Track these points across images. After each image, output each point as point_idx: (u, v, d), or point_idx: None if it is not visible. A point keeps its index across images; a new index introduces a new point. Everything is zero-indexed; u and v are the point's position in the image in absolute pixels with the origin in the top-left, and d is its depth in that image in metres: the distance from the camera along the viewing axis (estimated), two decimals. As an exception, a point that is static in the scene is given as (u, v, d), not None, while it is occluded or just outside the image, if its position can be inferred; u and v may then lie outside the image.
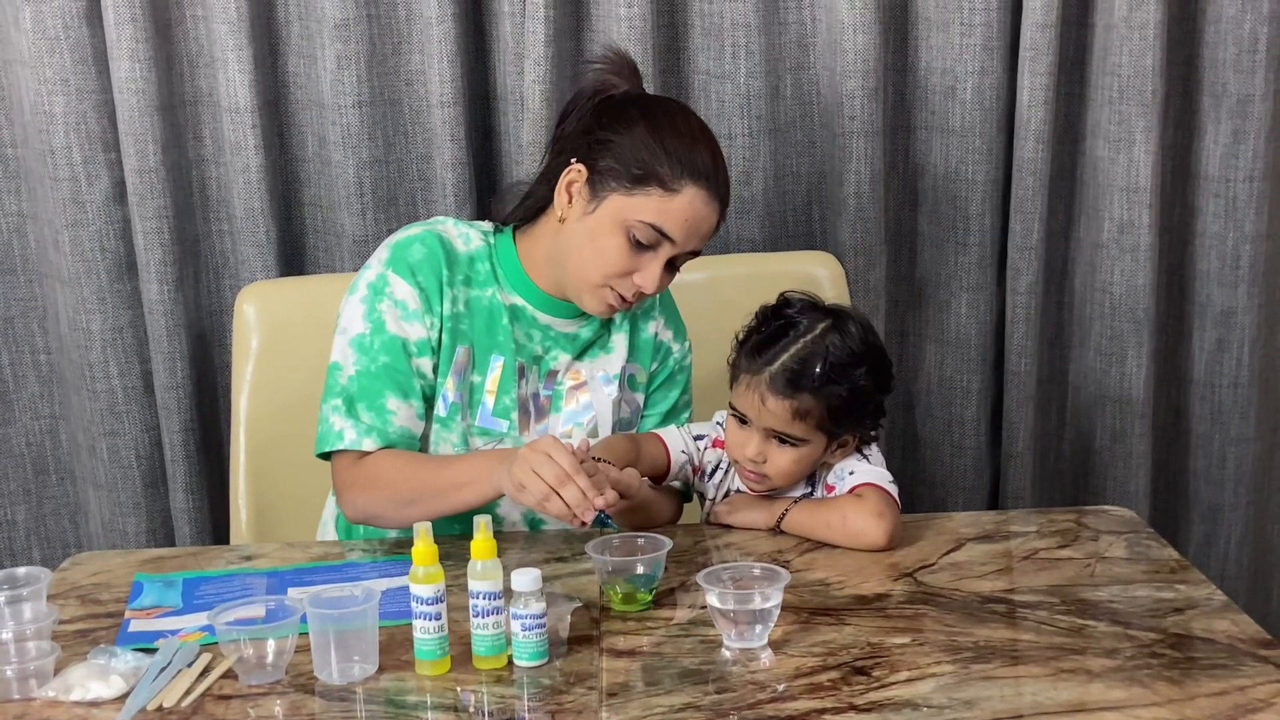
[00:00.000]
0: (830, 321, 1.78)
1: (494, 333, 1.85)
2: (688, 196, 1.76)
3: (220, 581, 1.73)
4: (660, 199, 1.75)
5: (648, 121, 1.79)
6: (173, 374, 2.34)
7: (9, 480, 2.46)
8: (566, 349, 1.89)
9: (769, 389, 1.74)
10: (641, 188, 1.75)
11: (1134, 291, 2.41)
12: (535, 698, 1.43)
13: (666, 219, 1.75)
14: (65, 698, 1.44)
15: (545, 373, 1.89)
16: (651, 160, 1.75)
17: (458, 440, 1.84)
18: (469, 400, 1.85)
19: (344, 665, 1.47)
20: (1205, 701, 1.37)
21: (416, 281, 1.82)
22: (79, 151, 2.29)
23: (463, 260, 1.86)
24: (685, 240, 1.78)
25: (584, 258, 1.79)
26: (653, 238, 1.76)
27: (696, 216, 1.77)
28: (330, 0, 2.26)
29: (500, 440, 1.85)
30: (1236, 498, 2.53)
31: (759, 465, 1.78)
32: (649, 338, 1.95)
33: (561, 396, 1.89)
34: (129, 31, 2.22)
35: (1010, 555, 1.76)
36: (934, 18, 2.37)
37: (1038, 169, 2.35)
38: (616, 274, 1.78)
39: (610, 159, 1.77)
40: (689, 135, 1.80)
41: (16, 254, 2.41)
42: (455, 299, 1.84)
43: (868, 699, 1.39)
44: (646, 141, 1.77)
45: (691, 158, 1.77)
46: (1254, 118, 2.36)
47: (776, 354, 1.75)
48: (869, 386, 1.77)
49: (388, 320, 1.81)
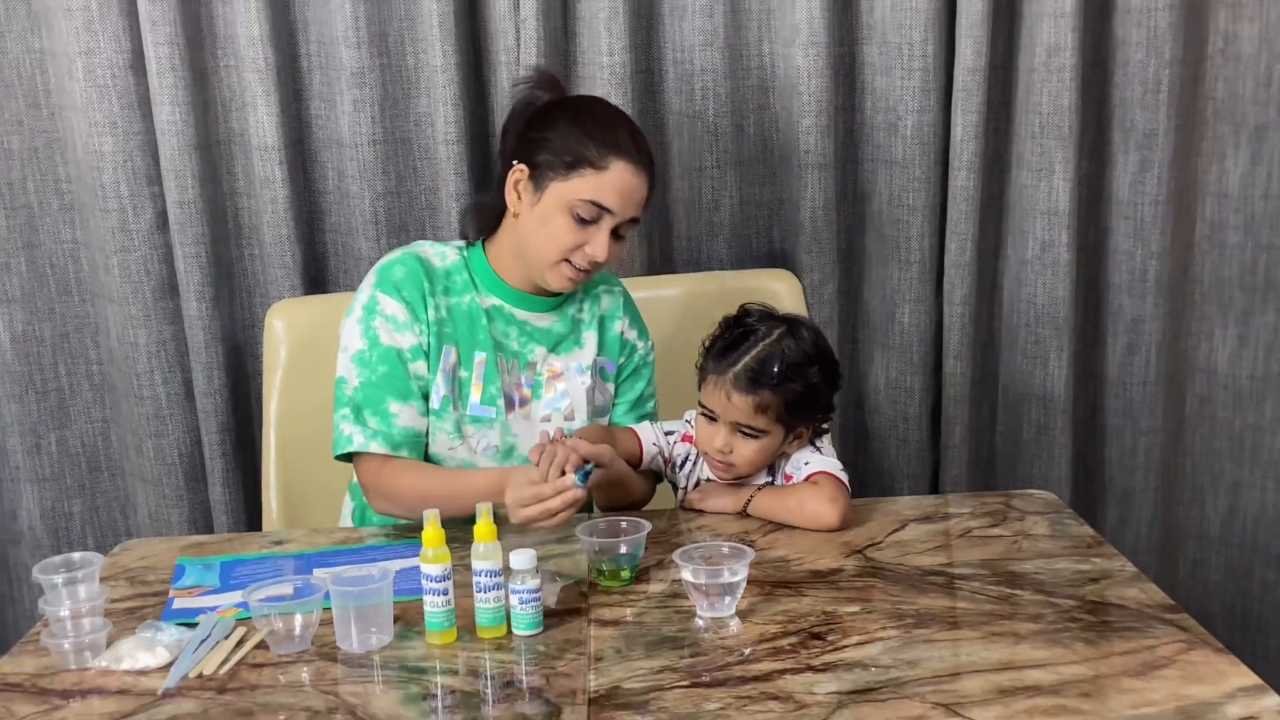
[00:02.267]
0: (785, 328, 1.80)
1: (475, 332, 1.87)
2: (616, 170, 1.78)
3: (253, 564, 1.73)
4: (593, 177, 1.78)
5: (570, 117, 1.82)
6: (210, 382, 2.34)
7: (66, 477, 2.45)
8: (542, 342, 1.91)
9: (733, 386, 1.75)
10: (576, 171, 1.78)
11: (1055, 302, 2.41)
12: (531, 663, 1.43)
13: (602, 193, 1.78)
14: (116, 667, 1.44)
15: (525, 365, 1.90)
16: (579, 147, 1.79)
17: (451, 429, 1.85)
18: (459, 393, 1.86)
19: (363, 636, 1.47)
20: (1118, 659, 1.37)
21: (402, 297, 1.84)
22: (126, 186, 2.28)
23: (440, 274, 1.88)
24: (622, 209, 1.80)
25: (539, 241, 1.82)
26: (593, 212, 1.79)
27: (627, 186, 1.80)
28: (347, 51, 2.26)
29: (490, 425, 1.86)
30: (1146, 483, 2.53)
31: (726, 456, 1.79)
32: (616, 335, 1.97)
33: (541, 385, 1.90)
34: (170, 80, 2.22)
35: (948, 534, 1.77)
36: (878, 64, 2.37)
37: (970, 195, 2.35)
38: (569, 248, 1.80)
39: (545, 154, 1.80)
40: (607, 120, 1.84)
41: (71, 277, 2.40)
42: (438, 307, 1.85)
43: (823, 660, 1.39)
44: (572, 132, 1.80)
45: (612, 138, 1.80)
46: (1158, 149, 2.36)
47: (739, 356, 1.77)
48: (820, 383, 1.79)
49: (381, 335, 1.83)
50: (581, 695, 1.34)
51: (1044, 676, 1.34)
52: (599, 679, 1.38)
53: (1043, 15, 2.29)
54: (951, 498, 2.04)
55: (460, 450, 1.85)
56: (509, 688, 1.39)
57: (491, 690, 1.39)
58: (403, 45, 2.30)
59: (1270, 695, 1.29)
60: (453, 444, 1.85)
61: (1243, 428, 2.53)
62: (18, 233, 2.35)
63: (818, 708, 1.29)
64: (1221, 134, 2.42)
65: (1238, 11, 2.35)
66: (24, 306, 2.37)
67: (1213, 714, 1.26)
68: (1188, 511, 2.61)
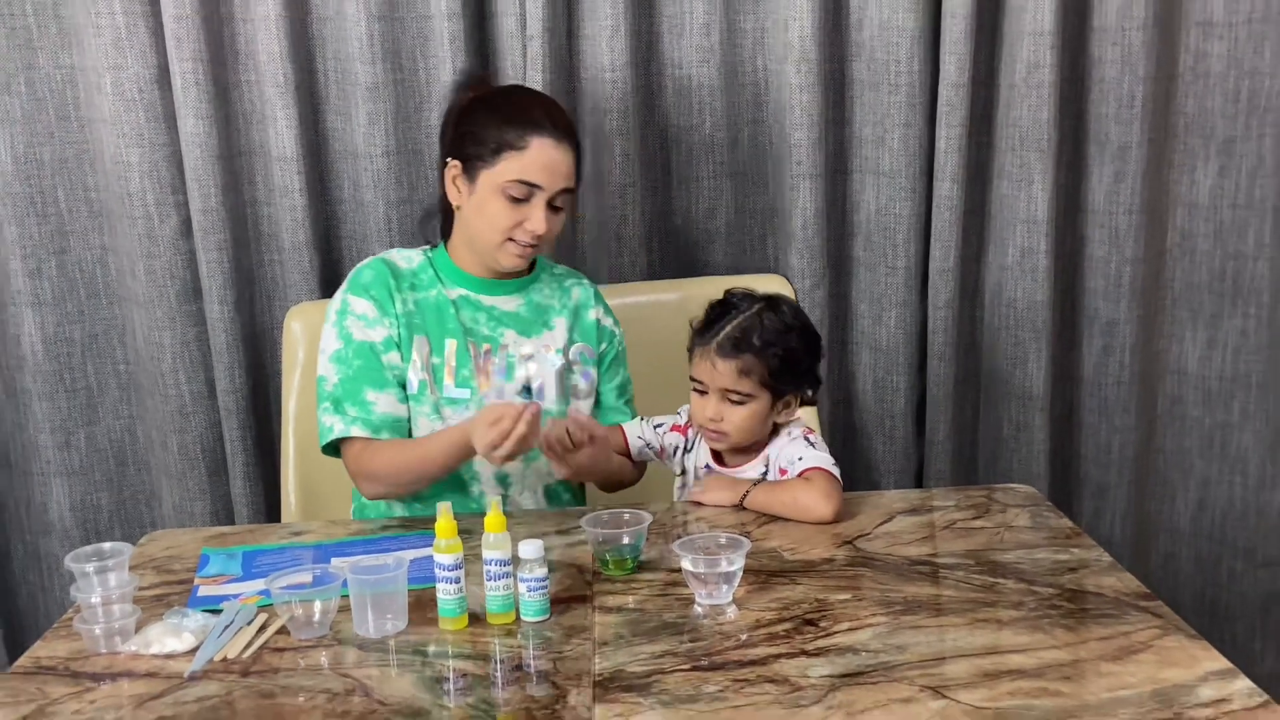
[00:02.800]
0: (764, 303, 1.83)
1: (444, 321, 1.90)
2: (536, 148, 1.82)
3: (274, 553, 1.73)
4: (516, 158, 1.82)
5: (489, 108, 1.87)
6: (232, 381, 2.33)
7: (95, 471, 2.45)
8: (511, 326, 1.93)
9: (717, 354, 1.78)
10: (500, 156, 1.82)
11: (1034, 306, 2.41)
12: (539, 647, 1.43)
13: (527, 171, 1.82)
14: (145, 651, 1.44)
15: (497, 347, 1.91)
16: (499, 133, 1.83)
17: (430, 411, 1.88)
18: (434, 378, 1.88)
19: (379, 622, 1.47)
20: (1096, 644, 1.38)
21: (371, 295, 1.89)
22: (152, 195, 2.27)
23: (406, 273, 1.93)
24: (550, 182, 1.83)
25: (481, 227, 1.86)
26: (523, 190, 1.82)
27: (550, 161, 1.83)
28: (363, 67, 2.26)
29: (466, 406, 1.88)
30: (1120, 478, 2.53)
31: (718, 424, 1.80)
32: (592, 322, 1.99)
33: (514, 366, 1.92)
34: (194, 94, 2.22)
35: (933, 525, 1.77)
36: (866, 80, 2.37)
37: (953, 205, 2.36)
38: (509, 228, 1.84)
39: (472, 146, 1.85)
40: (522, 104, 1.88)
41: (100, 281, 2.40)
42: (405, 301, 1.90)
43: (816, 645, 1.39)
44: (492, 121, 1.85)
45: (528, 118, 1.84)
46: (1132, 161, 2.36)
47: (721, 327, 1.80)
48: (799, 349, 1.81)
49: (354, 333, 1.87)
50: (587, 678, 1.34)
51: (1026, 660, 1.34)
52: (603, 662, 1.38)
53: (1022, 34, 2.30)
54: (937, 491, 2.04)
55: (440, 429, 1.87)
56: (518, 671, 1.39)
57: (501, 673, 1.39)
58: (415, 62, 2.30)
59: (1240, 679, 1.29)
60: (433, 425, 1.88)
61: (1212, 426, 2.53)
62: (49, 239, 2.35)
63: (812, 690, 1.29)
64: (1192, 147, 2.42)
65: (1207, 31, 2.36)
66: (55, 309, 2.37)
67: (1186, 696, 1.26)
68: (1159, 506, 2.61)
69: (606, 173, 2.36)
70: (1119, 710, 1.24)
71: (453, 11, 2.24)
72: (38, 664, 1.44)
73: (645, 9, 2.33)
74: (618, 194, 2.36)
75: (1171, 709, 1.24)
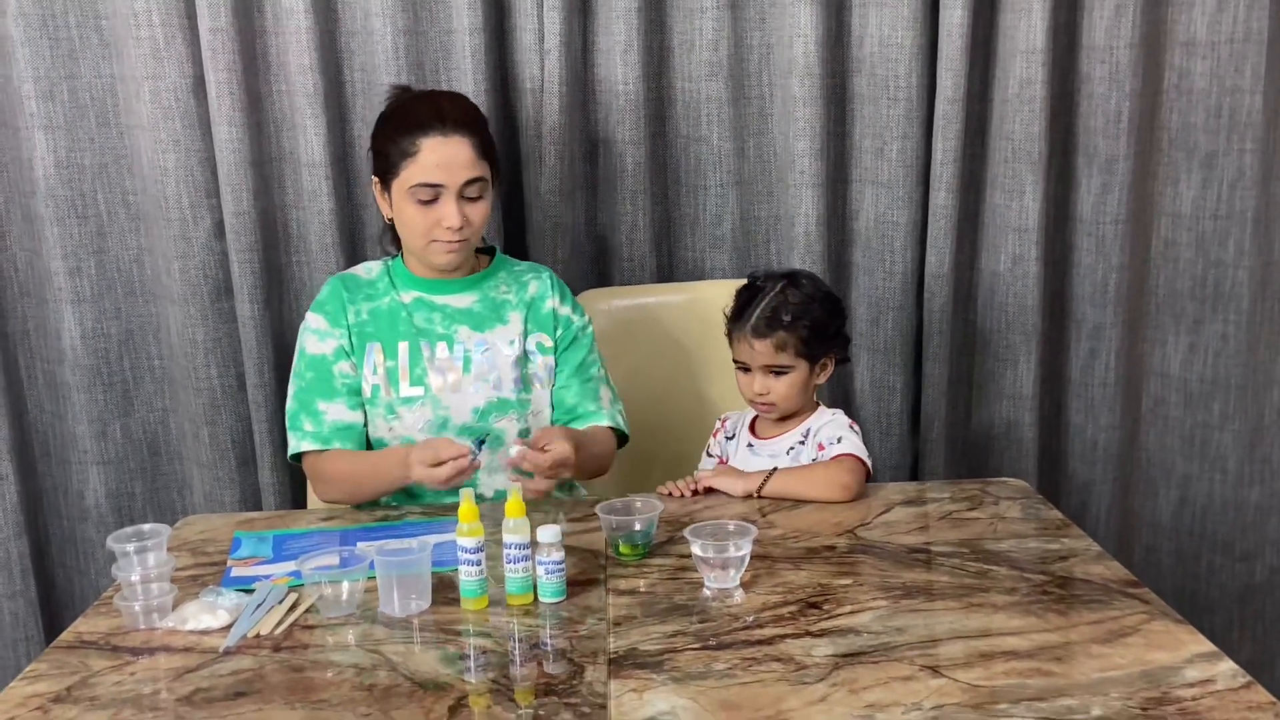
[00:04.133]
0: (786, 280, 1.90)
1: (395, 325, 1.92)
2: (426, 148, 1.81)
3: (303, 537, 1.73)
4: (412, 163, 1.82)
5: (383, 122, 1.90)
6: (261, 375, 2.34)
7: (129, 461, 2.45)
8: (464, 322, 1.93)
9: (753, 335, 1.86)
10: (401, 166, 1.83)
11: (1024, 311, 2.42)
12: (556, 627, 1.44)
13: (424, 173, 1.81)
14: (181, 627, 1.45)
15: (452, 343, 1.91)
16: (391, 144, 1.84)
17: (385, 412, 1.89)
18: (388, 380, 1.89)
19: (404, 601, 1.47)
20: (1086, 628, 1.38)
21: (325, 311, 1.92)
22: (187, 198, 2.28)
23: (363, 284, 1.96)
24: (449, 177, 1.82)
25: (406, 233, 1.88)
26: (429, 192, 1.82)
27: (443, 157, 1.81)
28: (388, 78, 2.26)
29: (421, 404, 1.89)
30: (1105, 475, 2.53)
31: (765, 396, 1.87)
32: (548, 312, 1.98)
33: (471, 361, 1.91)
34: (227, 102, 2.22)
35: (929, 516, 1.77)
36: (865, 93, 2.38)
37: (948, 214, 2.36)
38: (428, 229, 1.85)
39: (380, 161, 1.87)
40: (409, 109, 1.87)
41: (136, 280, 2.40)
42: (358, 312, 1.92)
43: (820, 627, 1.40)
44: (386, 134, 1.87)
45: (414, 122, 1.83)
46: (1119, 173, 2.37)
47: (752, 311, 1.87)
48: (824, 317, 1.89)
49: (309, 346, 1.91)
50: (602, 655, 1.35)
51: (1019, 643, 1.34)
52: (617, 641, 1.38)
53: (1015, 52, 2.30)
54: (932, 484, 2.05)
55: (398, 428, 1.89)
56: (536, 649, 1.40)
57: (520, 651, 1.39)
58: (438, 73, 2.31)
59: (1225, 661, 1.30)
60: (390, 424, 1.89)
61: (1193, 426, 2.53)
62: (89, 240, 2.35)
63: (816, 668, 1.30)
64: (1176, 160, 2.42)
65: (1191, 50, 2.36)
66: (94, 306, 2.37)
67: (1173, 676, 1.26)
68: (1142, 501, 2.61)
69: (619, 180, 2.37)
70: (1109, 689, 1.24)
71: (474, 26, 2.25)
72: (79, 638, 1.45)
73: (657, 26, 2.34)
74: (629, 200, 2.37)
75: (1159, 688, 1.24)
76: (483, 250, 2.03)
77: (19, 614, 2.39)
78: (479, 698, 1.28)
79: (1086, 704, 1.21)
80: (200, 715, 1.26)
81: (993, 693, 1.24)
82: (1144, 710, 1.20)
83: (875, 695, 1.24)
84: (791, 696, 1.24)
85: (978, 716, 1.19)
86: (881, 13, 2.31)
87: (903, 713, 1.20)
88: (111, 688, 1.32)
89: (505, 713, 1.25)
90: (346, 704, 1.26)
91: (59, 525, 2.49)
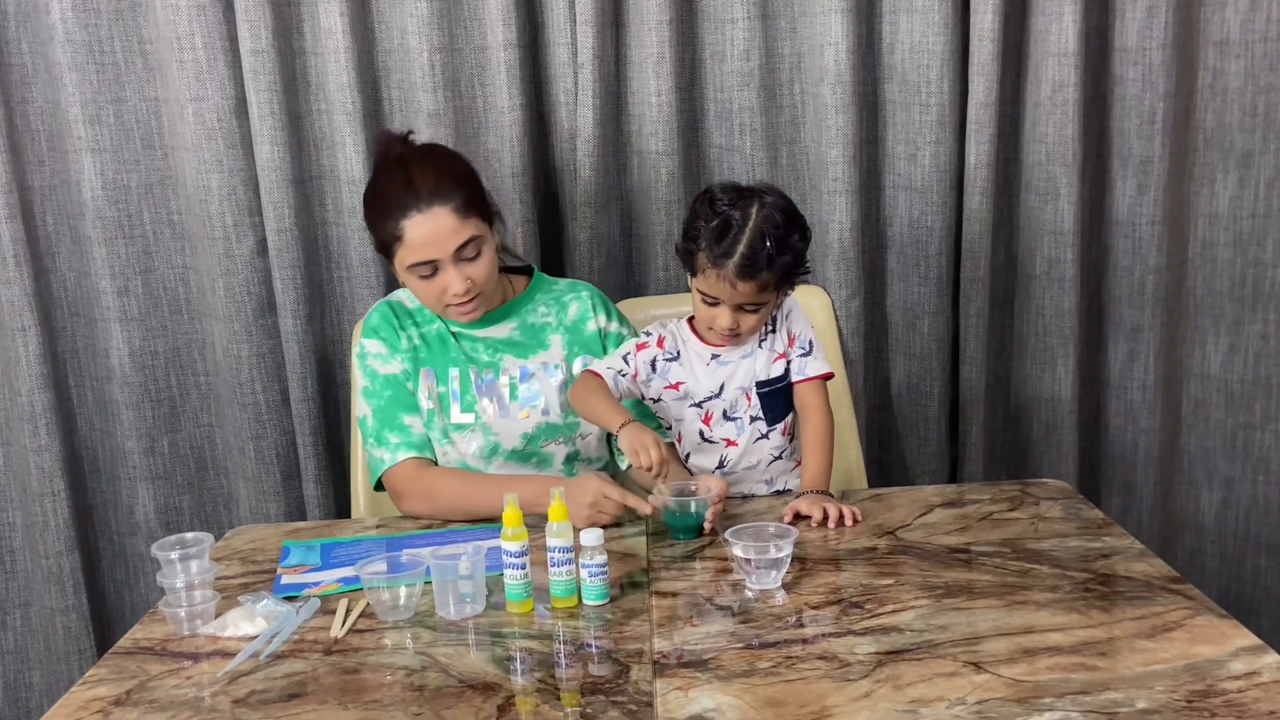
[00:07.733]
0: (757, 206, 1.75)
1: (447, 351, 1.93)
2: (411, 230, 1.80)
3: (350, 546, 1.77)
4: (402, 248, 1.81)
5: (368, 207, 1.88)
6: (304, 390, 2.38)
7: (176, 475, 2.49)
8: (508, 351, 1.95)
9: (737, 276, 1.74)
10: (392, 249, 1.83)
11: (1061, 314, 2.42)
12: (600, 628, 1.46)
13: (416, 253, 1.81)
14: (220, 634, 1.48)
15: (499, 371, 1.93)
16: (378, 229, 1.84)
17: (440, 436, 1.91)
18: (440, 406, 1.91)
19: (459, 605, 1.50)
20: (1129, 624, 1.38)
21: (380, 336, 1.93)
22: (230, 216, 2.33)
23: (412, 311, 1.96)
24: (440, 250, 1.81)
25: (419, 301, 1.90)
26: (425, 269, 1.82)
27: (428, 234, 1.80)
28: (425, 95, 2.31)
29: (472, 430, 1.90)
30: (1146, 478, 2.52)
31: (735, 330, 1.80)
32: (593, 333, 1.99)
33: (517, 388, 1.93)
34: (269, 123, 2.27)
35: (969, 517, 1.77)
36: (898, 100, 2.39)
37: (983, 218, 2.37)
38: (436, 297, 1.85)
39: (375, 242, 1.87)
40: (382, 191, 1.84)
41: (182, 298, 2.45)
42: (410, 337, 1.93)
43: (863, 625, 1.41)
44: (368, 218, 1.87)
45: (391, 202, 1.81)
46: (1154, 175, 2.37)
47: (730, 247, 1.73)
48: (802, 248, 1.78)
49: (378, 369, 1.92)
50: (646, 656, 1.37)
51: (1062, 639, 1.35)
52: (661, 642, 1.40)
53: (1047, 55, 2.31)
54: (972, 486, 2.03)
55: (451, 453, 1.91)
56: (581, 650, 1.42)
57: (565, 652, 1.41)
58: (474, 90, 2.35)
59: (1270, 654, 1.30)
60: (445, 449, 1.91)
61: (1234, 427, 2.52)
62: (135, 259, 2.40)
63: (859, 665, 1.31)
64: (1211, 160, 2.42)
65: (1224, 50, 2.36)
66: (141, 324, 2.42)
67: (1218, 670, 1.27)
68: (1184, 504, 2.60)
69: (653, 190, 2.39)
70: (1154, 683, 1.24)
71: (508, 42, 2.29)
72: (136, 644, 1.48)
73: (689, 37, 2.37)
74: (664, 210, 2.39)
75: (1204, 681, 1.24)
76: (520, 270, 2.05)
77: (71, 628, 2.44)
78: (526, 698, 1.30)
79: (1131, 697, 1.21)
80: (256, 716, 1.29)
81: (1036, 687, 1.24)
82: (1189, 703, 1.20)
83: (919, 691, 1.25)
84: (835, 693, 1.25)
85: (1022, 710, 1.20)
86: (912, 19, 2.33)
87: (947, 707, 1.21)
88: (171, 690, 1.36)
89: (553, 711, 1.27)
90: (398, 704, 1.29)
91: (109, 540, 2.54)
